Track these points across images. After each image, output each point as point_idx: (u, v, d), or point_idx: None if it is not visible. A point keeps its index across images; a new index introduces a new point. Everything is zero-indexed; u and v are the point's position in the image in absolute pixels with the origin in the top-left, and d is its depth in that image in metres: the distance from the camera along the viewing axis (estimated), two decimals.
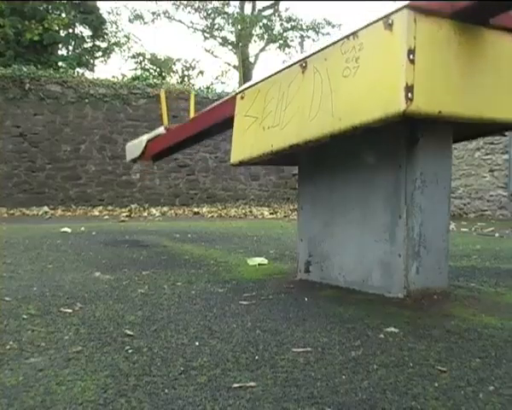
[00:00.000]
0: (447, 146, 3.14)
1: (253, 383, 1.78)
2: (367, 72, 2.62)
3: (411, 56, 2.47)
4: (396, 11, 2.53)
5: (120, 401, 1.63)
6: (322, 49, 2.90)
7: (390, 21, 2.53)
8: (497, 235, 7.28)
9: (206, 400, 1.65)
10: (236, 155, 3.44)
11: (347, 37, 2.72)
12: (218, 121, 4.21)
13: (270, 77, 3.25)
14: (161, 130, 5.47)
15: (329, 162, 3.38)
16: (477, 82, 2.76)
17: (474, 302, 3.00)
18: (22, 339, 2.22)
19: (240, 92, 3.47)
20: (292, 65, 3.09)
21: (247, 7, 28.68)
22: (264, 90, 3.25)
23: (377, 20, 2.60)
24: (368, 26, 2.65)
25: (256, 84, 3.37)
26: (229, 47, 29.21)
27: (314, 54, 2.95)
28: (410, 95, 2.44)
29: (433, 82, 2.57)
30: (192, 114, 5.70)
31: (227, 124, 3.75)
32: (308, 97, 2.91)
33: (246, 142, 3.35)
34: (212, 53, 33.36)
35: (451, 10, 2.64)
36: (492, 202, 11.52)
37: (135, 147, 5.72)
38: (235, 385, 1.77)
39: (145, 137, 5.63)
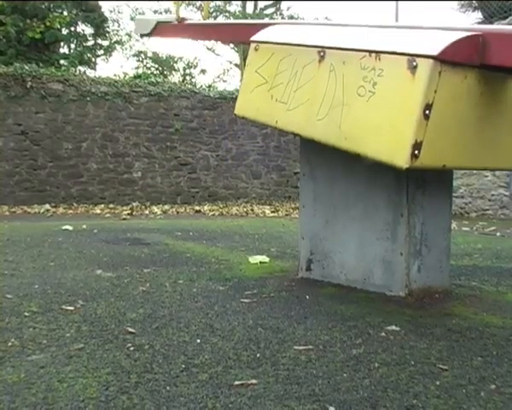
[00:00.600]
0: None
1: (254, 381, 1.78)
2: (381, 105, 2.54)
3: (427, 112, 2.38)
4: (423, 56, 2.43)
5: (122, 399, 1.64)
6: (342, 50, 2.80)
7: (415, 64, 2.43)
8: (498, 234, 7.28)
9: (208, 397, 1.66)
10: (241, 109, 3.38)
11: (370, 53, 2.63)
12: (229, 39, 4.15)
13: (286, 45, 3.15)
14: (172, 17, 5.41)
15: (331, 161, 3.38)
16: (489, 136, 2.71)
17: (475, 301, 3.00)
18: (24, 336, 2.22)
19: (255, 42, 3.34)
20: (309, 46, 2.99)
21: (249, 5, 28.69)
22: (279, 56, 3.15)
23: (403, 54, 2.50)
24: (392, 53, 2.55)
25: (271, 44, 3.25)
26: (231, 45, 29.20)
27: (333, 49, 2.85)
28: (416, 152, 2.39)
29: (443, 139, 2.50)
30: (206, 15, 5.64)
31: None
32: (320, 93, 2.85)
33: (252, 101, 3.30)
34: (213, 51, 33.34)
35: (481, 63, 2.54)
36: (494, 201, 11.51)
37: (144, 23, 5.65)
38: (237, 383, 1.77)
39: (154, 18, 5.56)
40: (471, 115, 2.60)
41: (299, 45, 3.08)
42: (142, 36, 5.72)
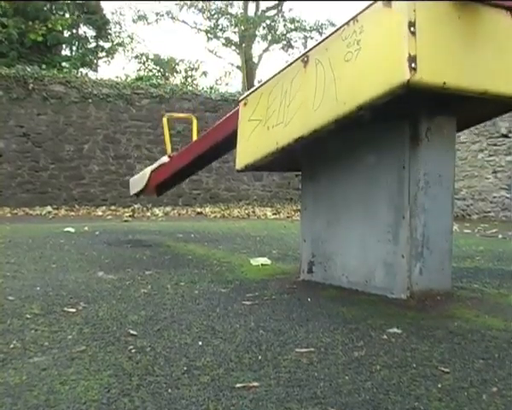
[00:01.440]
0: (451, 146, 3.13)
1: (256, 383, 1.78)
2: (369, 51, 2.64)
3: (412, 28, 2.48)
4: None
5: (124, 401, 1.64)
6: (323, 41, 2.92)
7: None
8: (500, 236, 7.27)
9: (210, 399, 1.66)
10: (242, 160, 3.44)
11: (347, 23, 2.74)
12: (221, 138, 4.22)
13: (272, 78, 3.26)
14: (165, 159, 5.46)
15: (332, 163, 3.38)
16: (479, 56, 2.77)
17: (477, 303, 3.00)
18: (26, 338, 2.22)
19: (242, 99, 3.49)
20: (293, 62, 3.11)
21: (251, 7, 28.71)
22: (267, 91, 3.26)
23: (376, 0, 2.62)
24: (367, 8, 2.66)
25: (258, 88, 3.39)
26: (233, 47, 29.22)
27: (315, 47, 2.97)
28: (413, 64, 2.45)
29: (435, 53, 2.58)
30: (195, 138, 5.68)
31: (231, 141, 3.74)
32: (311, 89, 2.92)
33: (250, 145, 3.36)
34: (215, 53, 33.39)
35: None
36: (495, 203, 11.50)
37: (139, 180, 5.72)
38: (238, 385, 1.77)
39: (148, 169, 5.62)
40: (455, 36, 2.68)
41: (283, 69, 3.20)
42: (137, 195, 5.79)
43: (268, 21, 28.22)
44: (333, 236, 3.37)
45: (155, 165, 5.64)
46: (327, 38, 2.91)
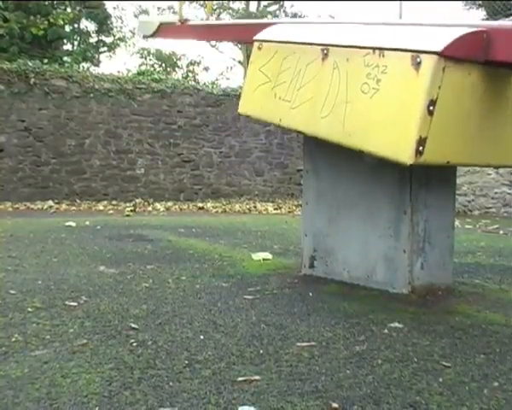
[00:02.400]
0: None
1: (257, 377, 1.78)
2: (385, 101, 2.55)
3: (431, 108, 2.39)
4: (427, 52, 2.43)
5: (125, 394, 1.64)
6: (346, 47, 2.81)
7: (418, 60, 2.43)
8: (501, 232, 7.26)
9: (211, 393, 1.66)
10: (245, 107, 3.39)
11: (373, 50, 2.63)
12: (232, 38, 4.15)
13: (289, 43, 3.15)
14: (176, 18, 5.42)
15: (334, 158, 3.37)
16: (493, 132, 2.71)
17: (478, 299, 3.00)
18: (27, 332, 2.23)
19: (258, 41, 3.35)
20: (313, 44, 2.99)
21: (253, 3, 28.66)
22: (282, 54, 3.15)
23: (406, 50, 2.50)
24: (396, 50, 2.55)
25: (275, 42, 3.25)
26: (234, 42, 29.17)
27: (337, 46, 2.86)
28: (420, 148, 2.39)
29: (447, 136, 2.51)
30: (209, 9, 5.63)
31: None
32: (323, 91, 2.85)
33: (256, 99, 3.30)
34: (216, 48, 33.31)
35: (485, 59, 2.54)
36: (497, 199, 11.49)
37: (147, 25, 5.67)
38: (240, 379, 1.77)
39: (158, 20, 5.57)
40: (475, 112, 2.60)
41: (302, 44, 3.08)
42: (144, 37, 5.72)
43: (270, 16, 28.17)
44: (334, 231, 3.37)
45: (165, 19, 5.59)
46: (350, 46, 2.78)
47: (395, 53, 2.55)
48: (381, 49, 2.61)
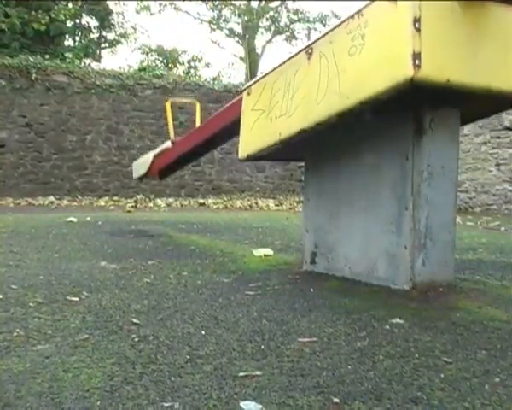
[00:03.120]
0: (454, 138, 3.13)
1: (258, 372, 1.79)
2: (373, 46, 2.63)
3: (417, 25, 2.47)
4: None
5: (127, 389, 1.64)
6: (328, 33, 2.91)
7: None
8: (502, 229, 7.26)
9: (212, 388, 1.66)
10: (244, 150, 3.44)
11: (352, 16, 2.74)
12: (225, 125, 4.21)
13: (275, 69, 3.25)
14: (168, 144, 5.47)
15: (335, 154, 3.38)
16: (483, 52, 2.76)
17: (479, 295, 3.00)
18: (29, 326, 2.23)
19: (246, 89, 3.48)
20: (297, 53, 3.11)
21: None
22: (271, 82, 3.25)
23: None
24: (372, 2, 2.66)
25: (262, 78, 3.38)
26: (236, 38, 29.12)
27: (319, 39, 2.97)
28: (417, 61, 2.45)
29: (440, 50, 2.58)
30: (198, 124, 5.67)
31: (235, 128, 3.73)
32: (315, 82, 2.91)
33: (253, 135, 3.35)
34: (218, 44, 33.30)
35: None
36: (498, 196, 11.48)
37: (141, 164, 5.73)
38: (241, 374, 1.77)
39: (151, 154, 5.62)
40: (460, 32, 2.68)
41: (287, 60, 3.19)
42: (140, 179, 5.79)
43: (271, 12, 28.10)
44: (335, 227, 3.37)
45: (158, 150, 5.64)
46: (331, 30, 2.90)
47: (371, 6, 2.67)
48: (358, 11, 2.72)
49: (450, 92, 2.75)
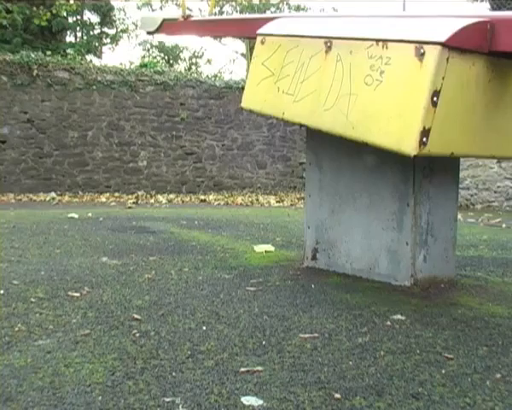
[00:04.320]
0: None
1: (260, 368, 1.79)
2: (389, 93, 2.54)
3: (435, 99, 2.38)
4: (431, 43, 2.42)
5: (128, 384, 1.65)
6: (349, 39, 2.80)
7: (422, 51, 2.42)
8: (504, 226, 7.26)
9: (214, 383, 1.66)
10: (248, 102, 3.37)
11: (377, 41, 2.62)
12: (236, 34, 4.14)
13: (292, 37, 3.13)
14: (178, 14, 5.40)
15: (337, 150, 3.37)
16: (498, 123, 2.70)
17: (480, 291, 3.00)
18: (30, 322, 2.23)
19: (261, 35, 3.32)
20: (316, 37, 2.97)
21: None
22: (285, 48, 3.13)
23: (410, 41, 2.49)
24: (399, 41, 2.54)
25: (278, 36, 3.23)
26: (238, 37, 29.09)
27: (339, 39, 2.84)
28: (424, 139, 2.39)
29: (451, 127, 2.50)
30: (211, 10, 5.61)
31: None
32: (327, 84, 2.84)
33: (259, 93, 3.29)
34: (219, 41, 33.24)
35: (489, 49, 2.53)
36: (500, 193, 11.47)
37: (149, 21, 5.68)
38: (243, 369, 1.77)
39: (161, 16, 5.57)
40: (479, 103, 2.60)
41: (305, 37, 3.06)
42: (148, 33, 5.73)
43: (273, 9, 28.09)
44: (337, 223, 3.37)
45: (168, 15, 5.59)
46: (353, 38, 2.78)
47: (399, 44, 2.54)
48: (384, 40, 2.59)
49: None
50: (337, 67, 2.80)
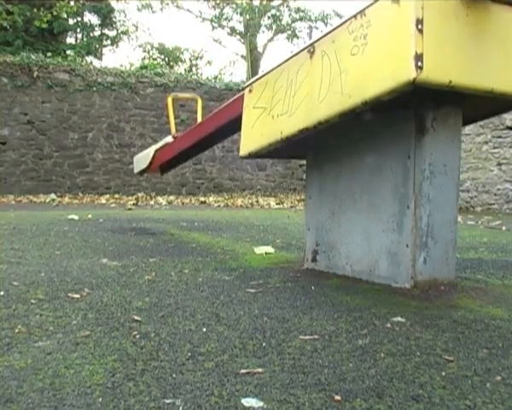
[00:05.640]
0: (456, 136, 3.12)
1: (260, 370, 1.79)
2: (376, 47, 2.62)
3: (419, 26, 2.46)
4: None
5: (128, 385, 1.64)
6: (330, 32, 2.90)
7: None
8: (504, 228, 7.26)
9: (214, 385, 1.66)
10: (245, 147, 3.44)
11: (354, 16, 2.73)
12: (226, 121, 4.21)
13: (277, 67, 3.24)
14: (169, 139, 5.46)
15: (337, 152, 3.38)
16: (487, 54, 2.75)
17: (480, 294, 3.00)
18: (31, 323, 2.23)
19: (248, 86, 3.47)
20: (299, 52, 3.10)
21: None
22: (273, 80, 3.25)
23: None
24: (375, 2, 2.65)
25: (264, 76, 3.37)
26: (238, 37, 29.13)
27: (321, 38, 2.96)
28: (419, 63, 2.44)
29: (442, 51, 2.57)
30: (200, 119, 5.66)
31: (236, 125, 3.73)
32: (317, 81, 2.91)
33: (255, 133, 3.35)
34: (220, 43, 33.28)
35: None
36: (499, 195, 11.48)
37: (142, 159, 5.72)
38: (243, 371, 1.77)
39: (152, 148, 5.62)
40: (463, 34, 2.66)
41: (289, 59, 3.18)
42: (141, 173, 5.78)
43: (273, 11, 28.11)
44: (337, 225, 3.37)
45: (160, 144, 5.63)
46: (333, 29, 2.89)
47: (374, 5, 2.66)
48: (360, 11, 2.71)
49: (452, 92, 2.74)
50: (323, 61, 2.91)
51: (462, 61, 2.66)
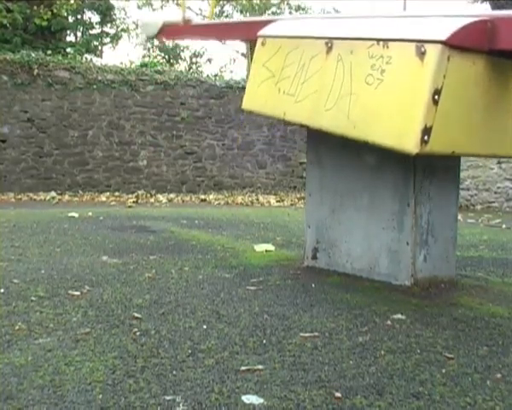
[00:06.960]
0: None
1: (260, 367, 1.79)
2: (390, 92, 2.55)
3: (436, 97, 2.39)
4: (431, 41, 2.43)
5: (129, 382, 1.65)
6: (350, 40, 2.81)
7: (423, 50, 2.44)
8: (504, 226, 7.26)
9: (214, 382, 1.66)
10: (249, 103, 3.37)
11: (377, 41, 2.63)
12: (235, 38, 4.14)
13: (293, 38, 3.14)
14: (179, 19, 5.42)
15: (338, 149, 3.37)
16: (499, 121, 2.71)
17: (481, 292, 3.00)
18: (31, 320, 2.23)
19: (261, 37, 3.32)
20: (317, 38, 2.99)
21: None
22: (286, 49, 3.14)
23: (411, 40, 2.50)
24: (400, 41, 2.55)
25: (278, 37, 3.24)
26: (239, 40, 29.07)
27: (340, 39, 2.86)
28: (426, 137, 2.40)
29: (453, 124, 2.51)
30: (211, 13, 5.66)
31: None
32: (328, 84, 2.84)
33: (259, 94, 3.29)
34: (223, 43, 33.18)
35: (490, 48, 2.54)
36: (500, 194, 11.47)
37: (150, 26, 5.69)
38: (243, 368, 1.77)
39: (161, 20, 5.58)
40: (479, 101, 2.61)
41: (306, 37, 3.08)
42: (148, 38, 5.74)
43: (273, 8, 28.08)
44: (337, 222, 3.37)
45: (169, 21, 5.61)
46: (354, 39, 2.79)
47: (399, 43, 2.55)
48: (385, 40, 2.61)
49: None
50: (338, 67, 2.81)
51: (470, 132, 2.61)
